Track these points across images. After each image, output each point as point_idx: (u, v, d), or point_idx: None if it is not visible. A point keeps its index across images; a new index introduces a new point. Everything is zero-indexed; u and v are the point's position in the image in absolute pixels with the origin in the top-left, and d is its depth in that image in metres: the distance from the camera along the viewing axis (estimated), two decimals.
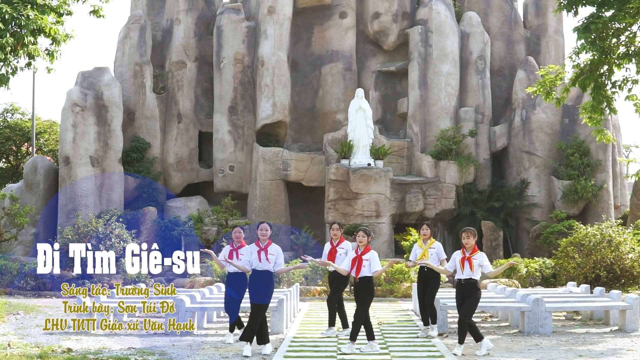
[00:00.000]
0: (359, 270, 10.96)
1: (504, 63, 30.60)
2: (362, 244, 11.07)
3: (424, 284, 12.63)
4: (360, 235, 11.10)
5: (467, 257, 10.91)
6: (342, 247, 12.64)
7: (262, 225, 10.96)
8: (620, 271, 18.57)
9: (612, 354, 10.89)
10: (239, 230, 12.34)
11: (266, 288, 10.72)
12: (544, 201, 28.05)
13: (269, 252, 10.79)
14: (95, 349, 11.07)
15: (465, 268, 10.90)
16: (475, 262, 10.88)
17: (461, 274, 10.95)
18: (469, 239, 10.98)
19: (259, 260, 10.74)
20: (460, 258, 10.97)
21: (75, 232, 21.14)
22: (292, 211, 28.54)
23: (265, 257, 10.75)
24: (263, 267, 10.76)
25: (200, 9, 30.42)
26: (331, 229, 12.87)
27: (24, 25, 11.80)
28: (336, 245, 12.67)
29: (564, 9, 13.06)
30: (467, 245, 10.99)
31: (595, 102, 13.80)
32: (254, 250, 10.84)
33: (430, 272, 12.51)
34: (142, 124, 29.18)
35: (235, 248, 12.16)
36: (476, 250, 11.01)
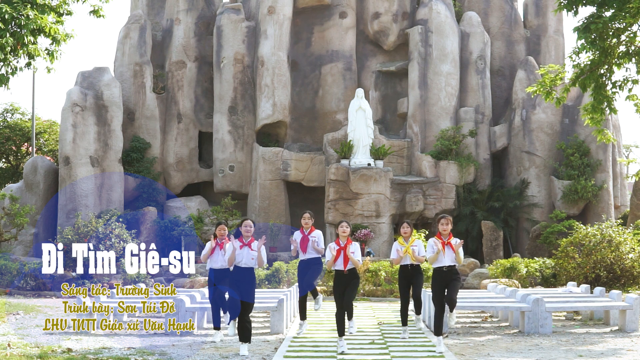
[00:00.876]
0: (346, 262, 11.07)
1: (504, 63, 30.60)
2: (344, 236, 11.19)
3: (408, 281, 12.68)
4: (344, 226, 11.26)
5: (447, 242, 11.06)
6: (314, 236, 12.85)
7: (246, 222, 11.04)
8: (620, 271, 18.57)
9: (612, 354, 10.89)
10: (223, 228, 12.50)
11: (249, 285, 10.80)
12: (544, 201, 28.05)
13: (252, 248, 10.83)
14: (95, 349, 11.07)
15: (447, 254, 11.02)
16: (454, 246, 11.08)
17: (443, 261, 11.06)
18: (448, 225, 11.11)
19: (242, 256, 10.80)
20: (441, 243, 11.05)
21: (75, 232, 21.14)
22: (292, 211, 28.54)
23: (249, 253, 10.81)
24: (247, 264, 10.80)
25: (200, 9, 30.42)
26: (303, 218, 13.06)
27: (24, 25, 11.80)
28: (308, 234, 12.84)
29: (564, 9, 13.06)
30: (444, 232, 11.12)
31: (596, 102, 13.80)
32: (237, 246, 10.87)
33: (414, 269, 12.60)
34: (142, 124, 29.18)
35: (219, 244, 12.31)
36: (451, 237, 11.20)
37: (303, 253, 12.83)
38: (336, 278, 11.20)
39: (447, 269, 11.04)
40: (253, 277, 10.89)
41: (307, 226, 12.94)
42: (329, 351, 10.94)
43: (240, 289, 10.70)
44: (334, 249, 11.14)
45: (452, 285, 11.03)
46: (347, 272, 11.07)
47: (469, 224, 27.12)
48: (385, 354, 10.67)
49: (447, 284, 11.06)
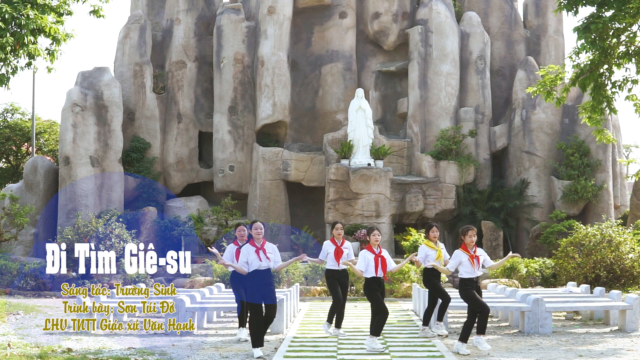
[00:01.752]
0: (385, 269, 11.19)
1: (504, 63, 30.60)
2: (377, 243, 11.25)
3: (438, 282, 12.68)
4: (376, 235, 11.27)
5: (474, 255, 11.05)
6: (346, 247, 12.74)
7: (255, 225, 10.93)
8: (620, 271, 18.57)
9: (612, 354, 10.89)
10: (242, 229, 12.31)
11: (273, 287, 10.83)
12: (544, 201, 28.05)
13: (267, 250, 10.80)
14: (95, 349, 11.07)
15: (475, 266, 11.05)
16: (481, 258, 11.12)
17: (474, 272, 11.04)
18: (475, 237, 11.13)
19: (259, 259, 10.72)
20: (469, 257, 11.04)
21: (75, 232, 21.14)
22: (292, 211, 28.54)
23: (265, 256, 10.75)
24: (264, 266, 10.76)
25: (200, 9, 30.42)
26: (335, 228, 12.88)
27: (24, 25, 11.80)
28: (340, 245, 12.71)
29: (564, 9, 13.06)
30: (471, 243, 11.10)
31: (595, 102, 13.80)
32: (250, 250, 10.82)
33: (436, 272, 12.58)
34: (142, 124, 29.19)
35: (241, 247, 12.09)
36: (477, 248, 11.24)
37: (337, 265, 12.66)
38: (371, 284, 11.14)
39: (477, 279, 11.12)
40: (272, 278, 10.94)
41: (340, 237, 12.78)
42: (329, 351, 10.94)
43: (264, 291, 10.68)
44: (370, 258, 11.15)
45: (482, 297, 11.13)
46: (381, 279, 11.21)
47: (469, 223, 27.04)
48: (385, 354, 10.67)
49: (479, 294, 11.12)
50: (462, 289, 11.11)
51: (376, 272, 11.15)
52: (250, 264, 10.73)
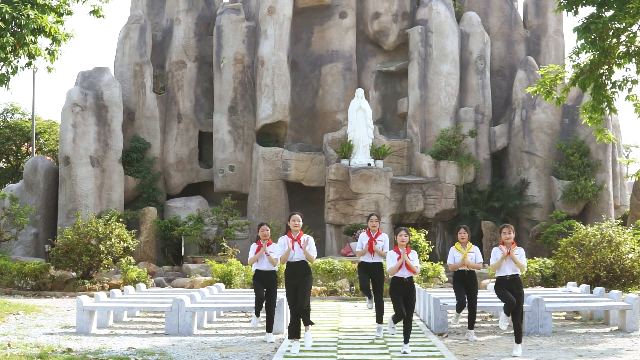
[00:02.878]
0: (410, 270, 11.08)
1: (504, 63, 30.60)
2: (404, 244, 11.15)
3: (465, 286, 12.29)
4: (402, 235, 11.16)
5: (509, 251, 10.79)
6: (381, 240, 12.53)
7: (294, 217, 11.16)
8: (620, 271, 18.57)
9: (612, 354, 10.89)
10: (266, 228, 12.22)
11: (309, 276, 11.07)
12: (544, 201, 28.05)
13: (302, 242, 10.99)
14: (95, 349, 11.07)
15: (509, 264, 10.82)
16: (516, 257, 10.81)
17: (505, 271, 10.83)
18: (511, 234, 10.91)
19: (293, 249, 10.95)
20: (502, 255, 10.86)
21: (75, 232, 21.14)
22: (292, 211, 28.50)
23: (300, 246, 10.95)
24: (299, 257, 11.00)
25: (200, 9, 30.42)
26: (369, 220, 12.72)
27: (24, 25, 11.81)
28: (375, 237, 12.52)
29: (564, 9, 13.06)
30: (507, 240, 10.89)
31: (596, 102, 13.80)
32: (288, 241, 11.00)
33: (470, 274, 12.29)
34: (142, 124, 29.18)
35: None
36: (515, 245, 10.93)
37: (371, 255, 12.49)
38: (396, 285, 11.08)
39: (510, 278, 10.81)
40: (309, 269, 11.14)
41: (375, 229, 12.62)
42: (329, 351, 10.94)
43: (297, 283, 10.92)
44: (395, 257, 11.06)
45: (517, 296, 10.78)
46: (407, 280, 11.07)
47: (469, 224, 27.11)
48: (385, 354, 10.67)
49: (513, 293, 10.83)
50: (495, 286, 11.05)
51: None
52: (293, 256, 11.00)
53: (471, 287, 12.24)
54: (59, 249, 21.24)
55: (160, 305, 13.65)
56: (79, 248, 20.82)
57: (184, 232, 25.83)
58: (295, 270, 11.08)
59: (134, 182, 28.32)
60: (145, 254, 26.15)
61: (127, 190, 27.96)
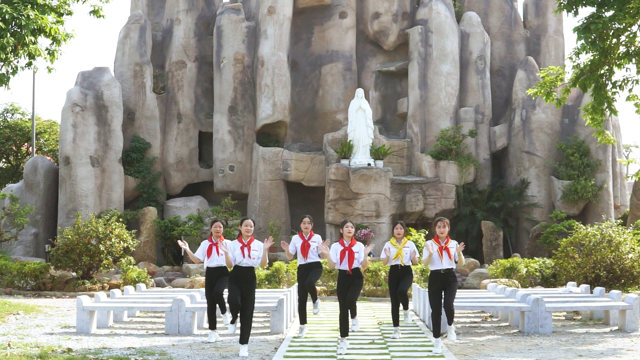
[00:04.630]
0: (351, 263, 11.03)
1: (504, 63, 30.60)
2: (349, 236, 11.15)
3: (397, 281, 12.59)
4: (349, 226, 11.20)
5: (444, 246, 10.90)
6: (314, 241, 12.71)
7: (246, 222, 10.96)
8: (620, 271, 18.57)
9: (612, 354, 10.89)
10: (219, 225, 12.21)
11: (252, 285, 10.81)
12: (544, 201, 28.05)
13: (252, 248, 10.80)
14: (95, 349, 11.07)
15: (444, 258, 10.89)
16: (452, 250, 10.90)
17: (440, 265, 10.91)
18: (445, 228, 11.00)
19: (243, 256, 10.74)
20: (438, 248, 10.93)
21: (75, 232, 21.14)
22: (292, 211, 28.54)
23: (249, 253, 10.77)
24: (245, 263, 10.78)
25: (200, 9, 30.42)
26: (302, 222, 12.84)
27: (24, 25, 11.81)
28: (308, 239, 12.69)
29: (564, 9, 13.06)
30: (441, 235, 10.99)
31: (596, 103, 13.80)
32: (237, 246, 10.85)
33: (405, 269, 12.57)
34: (142, 124, 29.18)
35: (214, 243, 11.99)
36: (449, 240, 11.03)
37: (304, 258, 12.64)
38: (340, 278, 11.15)
39: (445, 271, 10.90)
40: (254, 275, 10.90)
41: (307, 231, 12.77)
42: (329, 351, 10.94)
43: (241, 289, 10.70)
44: (338, 249, 11.09)
45: (449, 290, 10.84)
46: (351, 273, 11.05)
47: (469, 224, 27.12)
48: (385, 354, 10.67)
49: (444, 288, 10.89)
50: (429, 281, 11.16)
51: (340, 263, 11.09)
52: (235, 259, 10.80)
53: (404, 279, 12.54)
54: (59, 249, 21.24)
55: (160, 305, 13.66)
56: (79, 248, 20.82)
57: (184, 232, 25.83)
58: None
59: (134, 182, 28.33)
60: (145, 254, 26.16)
61: (127, 190, 27.97)
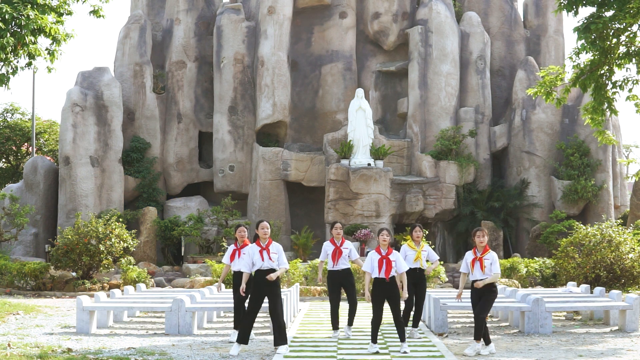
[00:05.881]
0: (388, 272, 10.91)
1: (504, 63, 30.60)
2: (385, 244, 11.04)
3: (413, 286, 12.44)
4: (384, 235, 11.09)
5: (479, 257, 10.76)
6: (346, 247, 12.57)
7: (262, 224, 10.92)
8: (620, 271, 18.57)
9: (612, 354, 10.89)
10: (243, 230, 12.26)
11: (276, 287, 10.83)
12: (544, 201, 28.05)
13: (270, 251, 10.80)
14: (95, 349, 11.07)
15: (475, 269, 10.76)
16: (486, 262, 10.72)
17: (472, 276, 10.79)
18: (484, 237, 10.83)
19: (262, 259, 10.73)
20: (472, 259, 10.84)
21: (75, 232, 21.13)
22: (292, 211, 28.54)
23: (269, 256, 10.76)
24: (266, 266, 10.76)
25: (200, 9, 30.41)
26: (334, 228, 12.72)
27: (24, 25, 11.80)
28: (340, 245, 12.56)
29: (564, 9, 13.05)
30: (480, 244, 10.82)
31: (596, 103, 13.78)
32: (255, 250, 10.82)
33: (420, 273, 12.53)
34: (142, 124, 29.18)
35: (239, 247, 12.09)
36: (487, 250, 10.84)
37: (334, 264, 12.41)
38: (376, 286, 10.98)
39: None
40: (277, 278, 10.88)
41: (339, 237, 12.55)
42: (329, 351, 10.93)
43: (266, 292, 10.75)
44: (375, 258, 10.94)
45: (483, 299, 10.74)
46: (389, 280, 10.91)
47: (469, 224, 27.11)
48: (385, 354, 10.66)
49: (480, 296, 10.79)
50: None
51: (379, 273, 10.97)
52: (254, 263, 10.78)
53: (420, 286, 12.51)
54: (59, 249, 21.23)
55: (160, 305, 13.65)
56: (79, 248, 20.81)
57: (184, 232, 25.83)
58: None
59: (134, 182, 28.32)
60: (145, 254, 26.15)
61: (127, 190, 27.96)
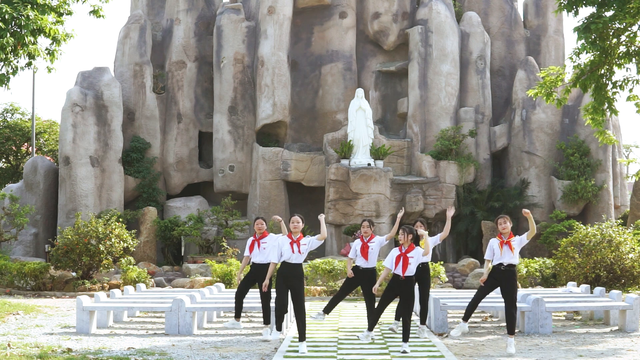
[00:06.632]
0: (405, 269, 10.97)
1: (504, 63, 30.60)
2: (406, 242, 11.13)
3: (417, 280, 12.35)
4: (365, 226, 11.29)
5: (506, 241, 10.91)
6: (374, 242, 12.30)
7: (294, 218, 11.21)
8: (621, 271, 18.57)
9: (612, 354, 10.89)
10: (261, 222, 12.43)
11: (301, 281, 11.08)
12: (544, 201, 28.05)
13: (301, 243, 11.02)
14: (95, 349, 11.07)
15: (505, 251, 10.89)
16: (514, 243, 10.92)
17: (500, 258, 10.90)
18: (506, 224, 10.99)
19: (292, 251, 10.97)
20: (499, 243, 10.96)
21: (75, 232, 21.13)
22: (292, 211, 28.50)
23: (298, 249, 10.99)
24: (294, 259, 11.00)
25: (200, 9, 30.41)
26: (362, 225, 12.43)
27: (24, 25, 11.80)
28: (367, 241, 12.27)
29: (564, 9, 13.05)
30: (504, 231, 10.98)
31: (596, 103, 13.78)
32: (286, 241, 11.05)
33: (424, 267, 12.52)
34: (142, 124, 29.18)
35: (257, 238, 12.29)
36: (512, 235, 11.03)
37: (365, 260, 12.20)
38: (393, 283, 11.08)
39: (505, 267, 10.94)
40: (302, 272, 11.12)
41: (367, 234, 12.29)
42: (329, 351, 10.94)
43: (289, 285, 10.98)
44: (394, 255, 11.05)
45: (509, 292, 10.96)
46: (404, 278, 10.97)
47: (469, 224, 27.12)
48: (385, 354, 10.67)
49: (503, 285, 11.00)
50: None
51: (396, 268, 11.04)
52: (283, 254, 11.03)
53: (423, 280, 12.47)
54: (59, 249, 21.23)
55: (160, 305, 13.65)
56: (78, 248, 20.81)
57: (184, 232, 25.83)
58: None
59: (134, 182, 28.32)
60: (145, 254, 26.15)
61: (127, 190, 27.96)
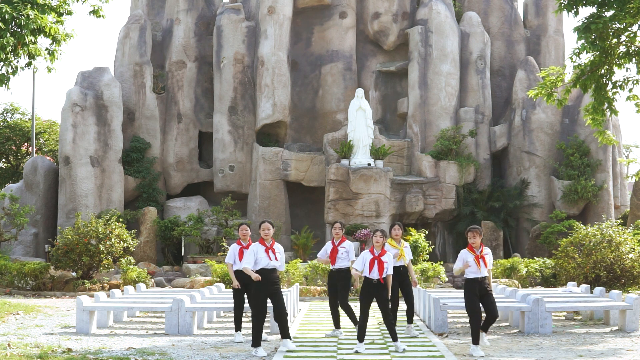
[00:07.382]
0: (381, 272, 10.93)
1: (504, 63, 30.60)
2: (379, 245, 11.07)
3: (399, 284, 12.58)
4: (378, 236, 11.11)
5: (480, 255, 10.84)
6: (344, 247, 12.65)
7: (264, 225, 11.00)
8: (621, 271, 18.57)
9: (612, 354, 10.89)
10: (245, 228, 12.31)
11: (278, 285, 10.93)
12: (544, 201, 28.05)
13: (275, 250, 10.91)
14: (95, 349, 11.07)
15: (481, 266, 10.85)
16: (487, 257, 10.89)
17: (478, 272, 10.83)
18: (475, 238, 10.93)
19: (269, 259, 10.82)
20: (474, 257, 10.87)
21: (75, 232, 21.13)
22: (292, 211, 28.53)
23: (275, 256, 10.86)
24: (271, 265, 10.86)
25: (200, 9, 30.41)
26: (333, 228, 12.82)
27: (24, 25, 11.80)
28: (338, 244, 12.65)
29: (564, 9, 13.05)
30: (474, 244, 10.92)
31: (597, 103, 13.77)
32: (260, 249, 10.90)
33: (405, 270, 12.65)
34: (142, 124, 29.18)
35: (244, 246, 12.11)
36: (482, 245, 11.02)
37: (332, 264, 12.56)
38: (365, 286, 11.02)
39: (481, 279, 10.85)
40: (278, 277, 11.01)
41: (338, 237, 12.65)
42: (329, 351, 10.94)
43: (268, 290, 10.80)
44: (367, 258, 10.97)
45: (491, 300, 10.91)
46: (376, 282, 10.91)
47: (469, 224, 27.10)
48: (385, 354, 10.66)
49: (482, 295, 10.87)
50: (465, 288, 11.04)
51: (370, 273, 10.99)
52: (258, 262, 10.84)
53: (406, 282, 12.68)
54: (59, 249, 21.24)
55: (160, 305, 13.65)
56: (79, 248, 20.81)
57: (184, 232, 25.83)
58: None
59: (134, 182, 28.32)
60: (145, 254, 26.15)
61: (127, 190, 27.96)
